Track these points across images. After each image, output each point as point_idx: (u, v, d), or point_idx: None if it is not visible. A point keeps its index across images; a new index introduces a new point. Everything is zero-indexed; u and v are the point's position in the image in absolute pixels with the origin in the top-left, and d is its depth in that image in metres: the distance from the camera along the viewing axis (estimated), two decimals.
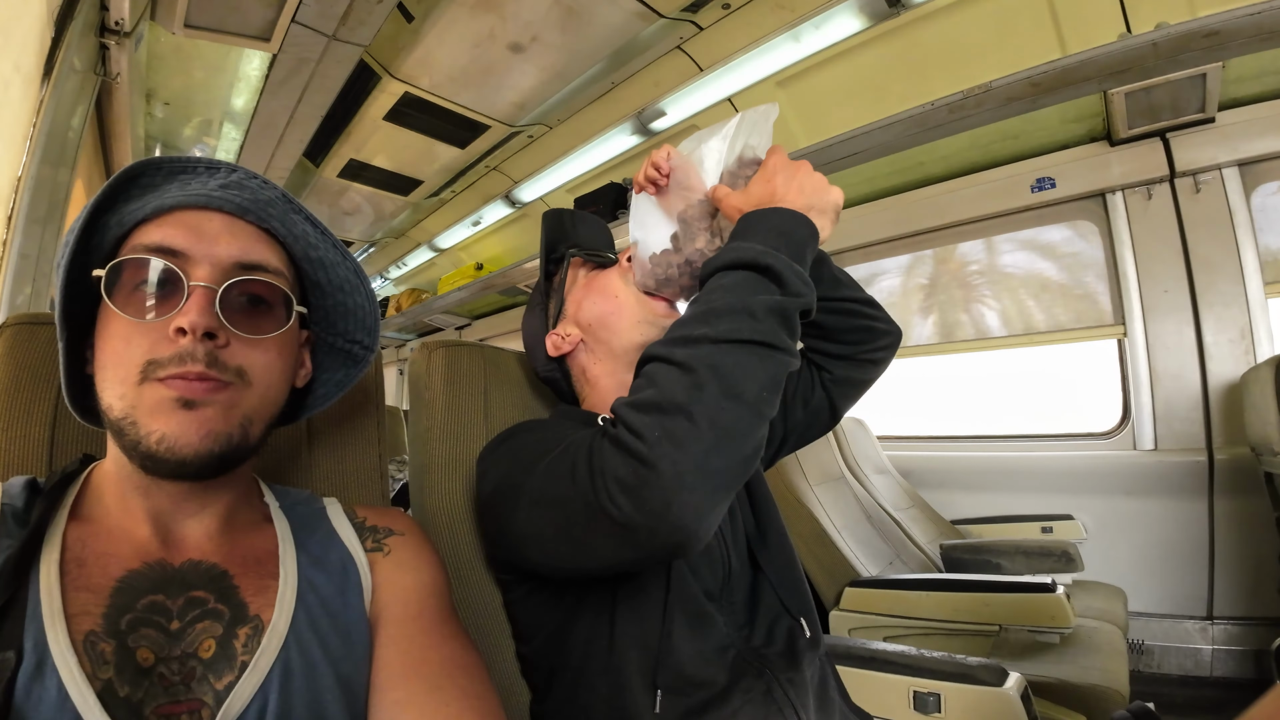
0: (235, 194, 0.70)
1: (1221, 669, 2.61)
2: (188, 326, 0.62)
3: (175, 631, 0.62)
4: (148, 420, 0.62)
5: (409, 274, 7.19)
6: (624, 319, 1.11)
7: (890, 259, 3.84)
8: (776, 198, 0.89)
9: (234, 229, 0.69)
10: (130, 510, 0.68)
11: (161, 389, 0.62)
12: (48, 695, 0.53)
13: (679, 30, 3.35)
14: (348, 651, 0.70)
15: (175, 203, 0.67)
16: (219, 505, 0.72)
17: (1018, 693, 1.25)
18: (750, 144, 1.01)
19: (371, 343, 0.86)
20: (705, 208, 1.02)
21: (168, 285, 0.65)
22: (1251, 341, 2.64)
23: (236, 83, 3.57)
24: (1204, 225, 2.75)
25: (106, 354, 0.64)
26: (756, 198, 0.92)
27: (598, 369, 1.15)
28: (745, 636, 1.01)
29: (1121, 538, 2.86)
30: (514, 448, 0.96)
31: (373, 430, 1.12)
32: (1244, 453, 2.56)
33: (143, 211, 0.67)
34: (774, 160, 0.94)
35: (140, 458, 0.63)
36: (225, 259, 0.67)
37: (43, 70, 2.01)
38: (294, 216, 0.75)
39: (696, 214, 1.02)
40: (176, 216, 0.67)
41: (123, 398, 0.63)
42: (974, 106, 2.55)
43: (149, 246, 0.65)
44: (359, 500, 0.92)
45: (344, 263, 0.80)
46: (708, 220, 1.03)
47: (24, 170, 1.92)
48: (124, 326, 0.64)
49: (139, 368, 0.63)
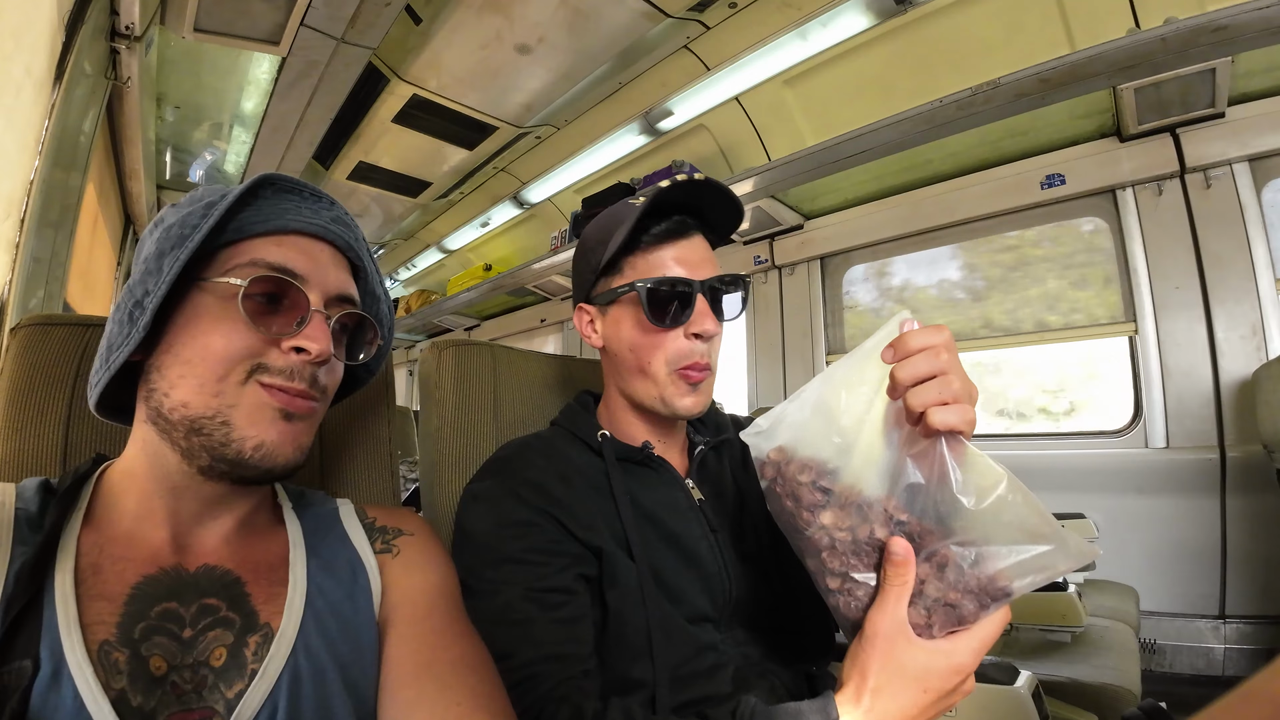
0: (343, 230, 0.76)
1: (1234, 668, 2.59)
2: (314, 351, 0.67)
3: (188, 640, 0.62)
4: (246, 425, 0.65)
5: (418, 275, 7.22)
6: (642, 384, 1.04)
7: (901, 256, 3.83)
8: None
9: (338, 262, 0.75)
10: (150, 512, 0.68)
11: (264, 395, 0.66)
12: (64, 704, 0.54)
13: (686, 30, 3.35)
14: (356, 656, 0.71)
15: (297, 227, 0.71)
16: (243, 509, 0.73)
17: (1029, 691, 1.24)
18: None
19: (376, 368, 0.89)
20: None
21: (286, 303, 0.68)
22: (1263, 338, 2.61)
23: (246, 86, 3.59)
24: (1215, 221, 2.73)
25: (196, 349, 0.65)
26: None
27: (612, 394, 1.12)
28: (745, 653, 1.00)
29: (1133, 536, 2.83)
30: (477, 547, 0.95)
31: (383, 430, 1.13)
32: (1256, 450, 2.54)
33: (264, 226, 0.70)
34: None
35: (227, 461, 0.65)
36: (333, 288, 0.73)
37: (54, 74, 2.02)
38: (365, 254, 0.81)
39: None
40: (295, 240, 0.71)
41: (218, 395, 0.65)
42: (983, 103, 2.54)
43: (273, 265, 0.68)
44: (370, 499, 0.92)
45: (384, 299, 0.85)
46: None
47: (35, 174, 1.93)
48: (229, 327, 0.65)
49: (246, 368, 0.65)
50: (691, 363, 1.02)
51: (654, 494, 1.03)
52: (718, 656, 0.96)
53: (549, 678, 0.82)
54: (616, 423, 1.11)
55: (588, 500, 0.98)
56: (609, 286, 1.05)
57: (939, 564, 0.66)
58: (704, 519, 1.04)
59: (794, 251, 4.06)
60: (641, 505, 1.01)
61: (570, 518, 0.94)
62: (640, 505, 1.01)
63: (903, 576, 0.65)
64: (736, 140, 3.94)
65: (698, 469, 1.12)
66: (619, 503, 0.98)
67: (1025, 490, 0.63)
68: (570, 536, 0.93)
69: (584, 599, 0.92)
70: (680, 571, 0.98)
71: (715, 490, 1.11)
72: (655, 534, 0.99)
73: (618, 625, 0.92)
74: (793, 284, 4.09)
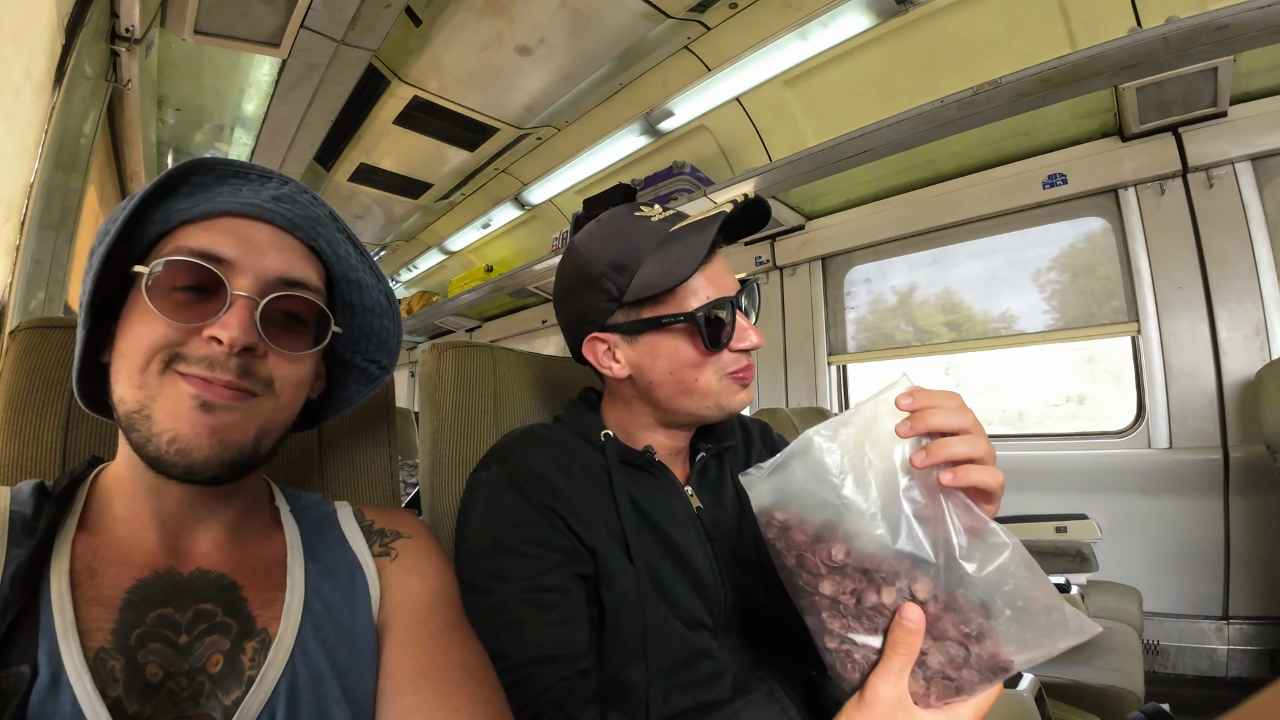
0: (287, 208, 0.70)
1: (1238, 669, 2.58)
2: (225, 340, 0.62)
3: (184, 646, 0.61)
4: (165, 418, 0.62)
5: (420, 276, 7.22)
6: (690, 399, 1.01)
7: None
8: None
9: (282, 243, 0.69)
10: (139, 514, 0.67)
11: (182, 384, 0.62)
12: (62, 711, 0.53)
13: (686, 30, 3.35)
14: (354, 662, 0.70)
15: (227, 209, 0.67)
16: (229, 512, 0.72)
17: (1032, 694, 1.24)
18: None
19: (389, 364, 0.85)
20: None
21: (209, 292, 0.64)
22: (1266, 338, 2.61)
23: (247, 88, 3.59)
24: (1217, 220, 2.73)
25: (128, 341, 0.64)
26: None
27: (630, 408, 1.08)
28: (743, 660, 1.00)
29: (1136, 537, 2.83)
30: (477, 536, 0.96)
31: (383, 432, 1.12)
32: (1259, 450, 2.53)
33: (191, 212, 0.67)
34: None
35: (148, 458, 0.63)
36: (271, 273, 0.67)
37: (54, 77, 2.02)
38: (338, 236, 0.75)
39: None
40: (226, 223, 0.67)
41: (141, 387, 0.62)
42: (984, 103, 2.53)
43: (195, 250, 0.64)
44: (370, 502, 0.92)
45: (378, 285, 0.80)
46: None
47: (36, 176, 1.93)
48: (150, 318, 0.63)
49: (163, 357, 0.62)
50: (742, 367, 1.00)
51: (652, 499, 1.02)
52: (716, 664, 0.96)
53: (540, 680, 0.82)
54: (621, 426, 1.09)
55: (588, 496, 0.97)
56: (640, 317, 0.99)
57: (942, 634, 0.64)
58: (701, 528, 1.04)
59: (795, 252, 4.05)
60: (641, 509, 1.00)
61: (569, 513, 0.94)
62: (639, 508, 1.00)
63: (911, 646, 0.64)
64: (737, 141, 3.94)
65: (698, 476, 1.11)
66: (619, 503, 0.98)
67: (1032, 562, 0.62)
68: (568, 532, 0.93)
69: (579, 598, 0.92)
70: (676, 578, 0.98)
71: (714, 498, 1.10)
72: (653, 538, 0.99)
73: (613, 626, 0.92)
74: (794, 285, 4.09)
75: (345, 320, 0.79)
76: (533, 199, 5.08)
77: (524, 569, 0.90)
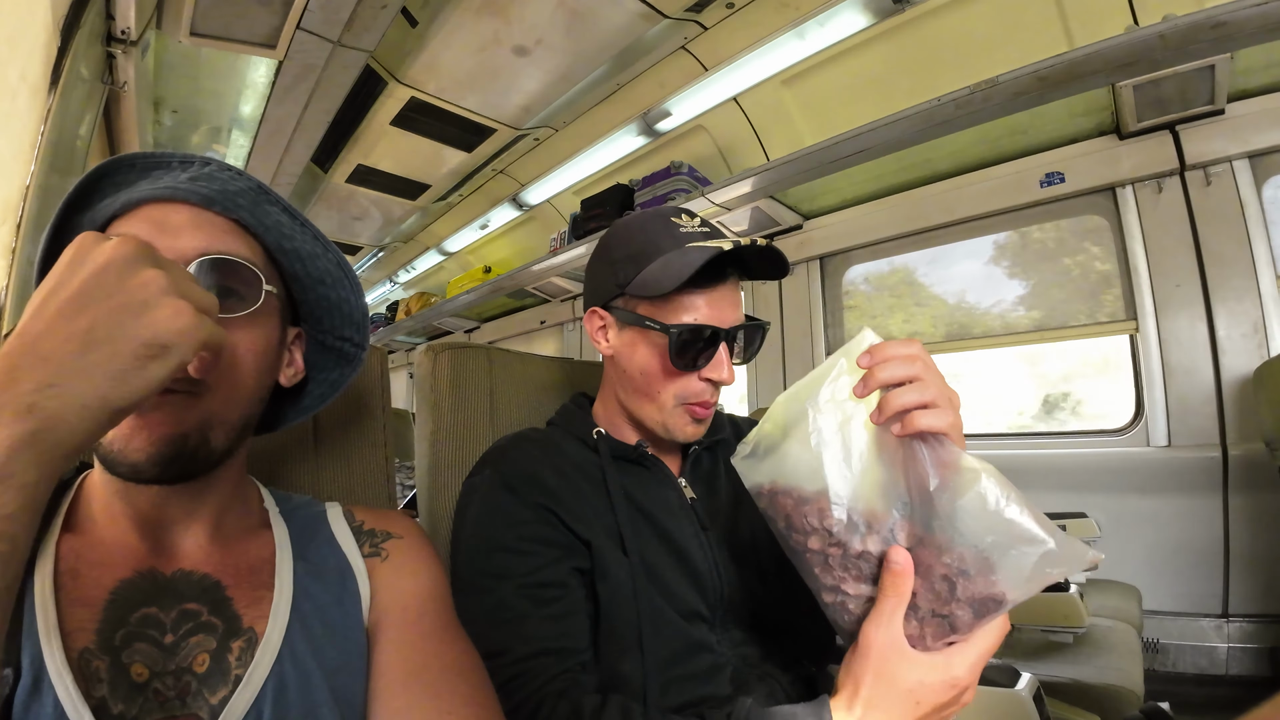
0: (203, 185, 0.67)
1: (1238, 667, 2.58)
2: None
3: (169, 645, 0.61)
4: None
5: (418, 278, 7.21)
6: (646, 406, 1.05)
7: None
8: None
9: (199, 221, 0.66)
10: (116, 516, 0.67)
11: None
12: (45, 713, 0.53)
13: (683, 30, 3.34)
14: (344, 662, 0.69)
15: (142, 196, 0.66)
16: (205, 511, 0.70)
17: (1030, 694, 1.23)
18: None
19: (361, 340, 0.83)
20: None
21: None
22: (1265, 335, 2.60)
23: (244, 90, 3.58)
24: (1215, 218, 2.72)
25: None
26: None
27: (610, 389, 1.13)
28: (743, 654, 1.00)
29: (1136, 535, 2.83)
30: (473, 537, 0.97)
31: (379, 433, 1.12)
32: (1258, 448, 2.53)
33: (112, 208, 0.66)
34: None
35: (100, 460, 0.63)
36: (189, 251, 0.64)
37: (49, 79, 2.02)
38: (268, 207, 0.72)
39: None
40: (143, 211, 0.66)
41: None
42: (981, 102, 2.53)
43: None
44: (365, 503, 0.91)
45: (325, 254, 0.77)
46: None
47: (32, 179, 1.92)
48: None
49: None
50: (701, 401, 1.03)
51: (647, 492, 1.04)
52: (715, 658, 0.96)
53: (544, 672, 0.83)
54: (612, 422, 1.11)
55: (581, 493, 0.99)
56: (633, 310, 1.03)
57: (928, 573, 0.65)
58: (695, 518, 1.05)
59: (793, 251, 4.04)
60: (635, 502, 1.01)
61: (563, 508, 0.95)
62: (634, 501, 1.01)
63: (899, 587, 0.65)
64: (735, 140, 3.93)
65: (691, 468, 1.13)
66: (613, 497, 0.99)
67: (1013, 489, 0.62)
68: (563, 527, 0.94)
69: (578, 593, 0.92)
70: (671, 567, 0.99)
71: (708, 490, 1.12)
72: (648, 530, 1.00)
73: (609, 619, 0.93)
74: (792, 284, 4.08)
75: (299, 296, 0.77)
76: (531, 200, 5.07)
77: (521, 565, 0.90)
